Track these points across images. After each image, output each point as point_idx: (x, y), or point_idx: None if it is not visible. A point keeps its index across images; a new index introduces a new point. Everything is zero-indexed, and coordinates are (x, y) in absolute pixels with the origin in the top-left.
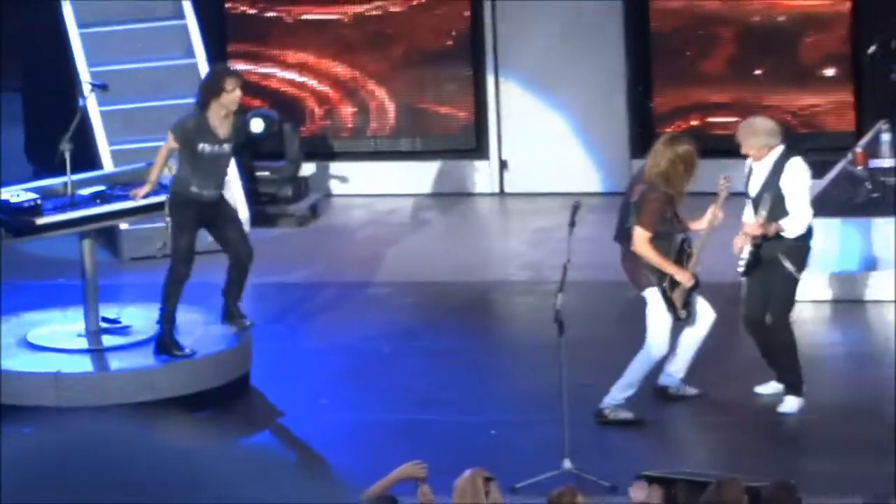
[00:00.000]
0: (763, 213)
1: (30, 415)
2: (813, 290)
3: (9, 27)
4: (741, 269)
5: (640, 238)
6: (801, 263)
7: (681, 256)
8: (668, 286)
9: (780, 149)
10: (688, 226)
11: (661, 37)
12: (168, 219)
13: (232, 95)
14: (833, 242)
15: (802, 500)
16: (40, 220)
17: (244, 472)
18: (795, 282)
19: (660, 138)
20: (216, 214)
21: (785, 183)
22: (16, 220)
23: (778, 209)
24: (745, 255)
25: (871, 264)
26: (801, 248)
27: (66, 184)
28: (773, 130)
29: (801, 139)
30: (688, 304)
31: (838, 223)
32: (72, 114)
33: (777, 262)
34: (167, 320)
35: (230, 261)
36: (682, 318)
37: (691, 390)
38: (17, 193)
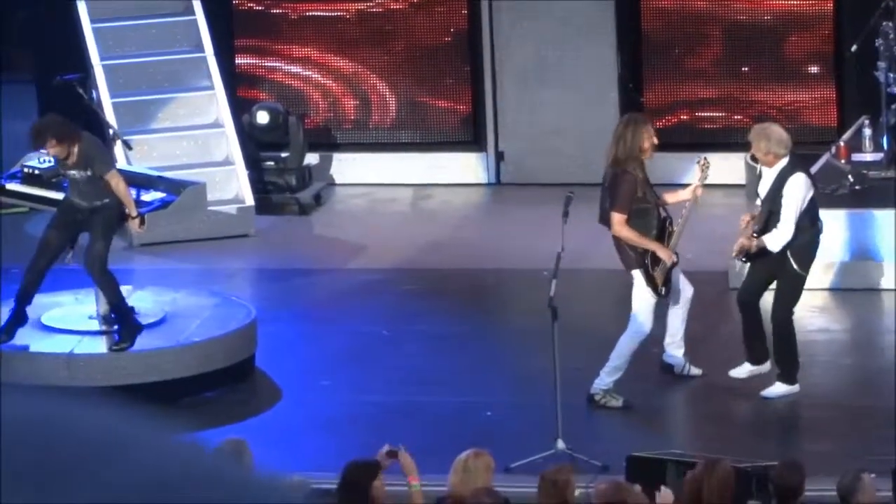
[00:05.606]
0: (755, 222)
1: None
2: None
3: (22, 20)
4: (742, 259)
5: (617, 220)
6: (806, 262)
7: (662, 234)
8: (650, 263)
9: (785, 160)
10: (665, 200)
11: (651, 35)
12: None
13: (52, 151)
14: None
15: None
16: (9, 186)
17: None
18: (802, 279)
19: None
20: (85, 220)
21: (783, 195)
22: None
23: (774, 219)
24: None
25: (862, 254)
26: (807, 248)
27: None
28: (780, 140)
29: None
30: (668, 281)
31: (832, 214)
32: (83, 105)
33: (785, 258)
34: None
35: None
36: (662, 295)
37: (695, 370)
38: (41, 160)
